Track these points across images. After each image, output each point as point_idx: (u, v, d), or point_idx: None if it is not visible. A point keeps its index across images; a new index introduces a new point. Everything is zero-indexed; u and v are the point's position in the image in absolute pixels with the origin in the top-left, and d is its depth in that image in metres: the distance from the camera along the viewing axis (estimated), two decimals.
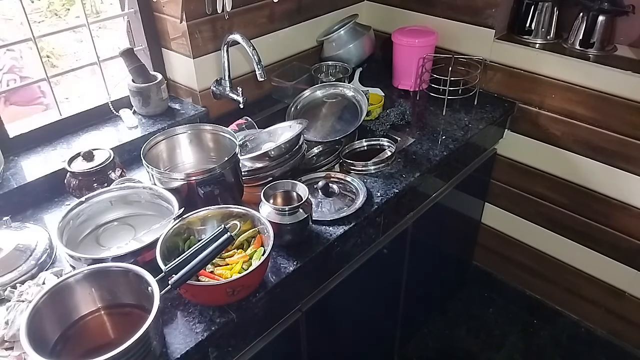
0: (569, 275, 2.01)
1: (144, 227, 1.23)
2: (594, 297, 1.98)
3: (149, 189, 1.26)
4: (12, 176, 1.37)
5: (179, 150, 1.41)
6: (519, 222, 2.08)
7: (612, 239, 1.83)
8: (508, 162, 1.99)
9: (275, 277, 1.14)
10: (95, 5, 3.16)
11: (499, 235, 2.18)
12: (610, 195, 1.77)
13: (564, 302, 2.11)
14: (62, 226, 1.15)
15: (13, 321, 0.98)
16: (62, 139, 1.53)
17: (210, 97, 1.69)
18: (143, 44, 1.64)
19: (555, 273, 2.06)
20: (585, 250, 1.92)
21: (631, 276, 1.83)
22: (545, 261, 2.07)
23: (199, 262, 0.98)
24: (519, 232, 2.11)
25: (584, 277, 1.97)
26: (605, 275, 1.91)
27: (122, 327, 1.01)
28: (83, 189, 1.30)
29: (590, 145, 1.73)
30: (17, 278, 1.11)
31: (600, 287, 1.94)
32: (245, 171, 1.36)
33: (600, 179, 1.77)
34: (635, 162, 1.66)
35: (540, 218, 2.00)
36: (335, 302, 1.44)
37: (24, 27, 1.39)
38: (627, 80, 1.56)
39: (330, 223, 1.29)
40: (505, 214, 2.11)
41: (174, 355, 0.98)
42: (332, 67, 1.94)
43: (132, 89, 1.58)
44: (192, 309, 1.07)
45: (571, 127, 1.75)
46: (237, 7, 1.61)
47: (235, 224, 1.08)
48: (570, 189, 1.84)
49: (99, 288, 1.01)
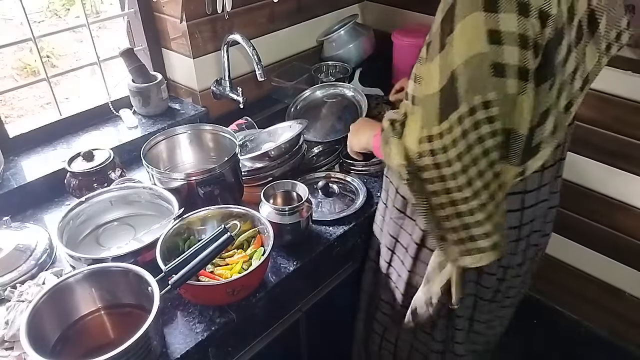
0: (569, 275, 2.01)
1: (144, 227, 1.23)
2: (594, 297, 1.98)
3: (149, 189, 1.26)
4: (12, 176, 1.37)
5: (179, 150, 1.41)
6: None
7: (612, 239, 1.82)
8: None
9: (275, 277, 1.14)
10: (95, 5, 3.17)
11: None
12: (610, 195, 1.77)
13: (564, 302, 2.10)
14: (62, 226, 1.15)
15: (13, 321, 0.98)
16: (62, 139, 1.53)
17: (210, 97, 1.69)
18: (143, 44, 1.64)
19: (555, 273, 2.05)
20: (585, 250, 1.92)
21: (631, 276, 1.83)
22: (546, 261, 2.06)
23: (199, 262, 0.98)
24: None
25: (584, 277, 1.97)
26: (605, 275, 1.91)
27: (122, 327, 1.01)
28: (83, 189, 1.30)
29: (590, 145, 1.73)
30: (17, 278, 1.11)
31: (600, 287, 1.94)
32: (245, 171, 1.36)
33: (600, 179, 1.76)
34: (635, 162, 1.65)
35: None
36: (336, 302, 1.44)
37: (24, 27, 1.39)
38: (627, 80, 1.56)
39: (330, 223, 1.29)
40: None
41: (174, 355, 0.98)
42: (332, 67, 1.94)
43: (132, 89, 1.58)
44: (192, 309, 1.07)
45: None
46: (237, 7, 1.61)
47: (235, 224, 1.08)
48: (570, 189, 1.84)
49: (99, 288, 1.01)
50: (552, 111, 0.87)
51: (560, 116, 0.90)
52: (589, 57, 0.92)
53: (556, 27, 0.79)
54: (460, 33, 0.80)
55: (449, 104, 0.82)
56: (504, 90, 0.80)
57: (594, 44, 0.92)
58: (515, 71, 0.79)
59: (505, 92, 0.80)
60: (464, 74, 0.80)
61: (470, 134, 0.83)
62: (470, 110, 0.81)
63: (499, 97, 0.80)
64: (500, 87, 0.80)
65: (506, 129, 0.84)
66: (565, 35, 0.82)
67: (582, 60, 0.90)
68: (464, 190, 0.86)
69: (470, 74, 0.80)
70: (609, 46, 0.96)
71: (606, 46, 0.95)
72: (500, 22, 0.77)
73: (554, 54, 0.82)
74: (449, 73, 0.81)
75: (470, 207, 0.88)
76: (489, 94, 0.80)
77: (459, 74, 0.81)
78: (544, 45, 0.80)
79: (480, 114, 0.82)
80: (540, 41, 0.79)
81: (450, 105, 0.82)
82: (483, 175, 0.86)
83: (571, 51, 0.86)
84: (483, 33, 0.78)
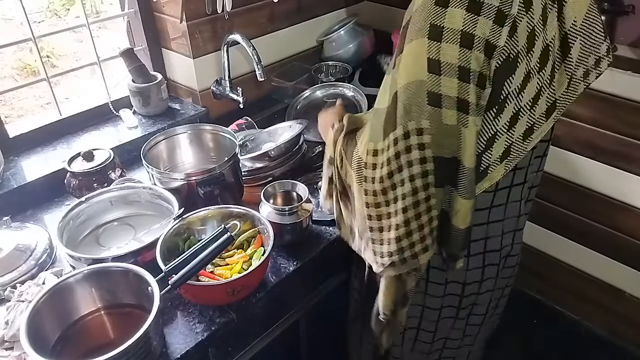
0: (569, 275, 2.01)
1: (144, 227, 1.23)
2: (594, 297, 1.98)
3: (149, 189, 1.26)
4: (12, 176, 1.37)
5: (179, 150, 1.41)
6: None
7: (612, 239, 1.82)
8: None
9: (275, 277, 1.14)
10: (95, 5, 3.17)
11: None
12: (610, 195, 1.77)
13: (564, 302, 2.10)
14: (62, 226, 1.15)
15: (13, 321, 0.98)
16: (62, 139, 1.53)
17: (210, 97, 1.69)
18: (143, 44, 1.64)
19: (555, 273, 2.05)
20: (585, 250, 1.92)
21: (631, 276, 1.83)
22: (545, 261, 2.07)
23: (199, 262, 0.98)
24: None
25: (584, 277, 1.97)
26: (605, 275, 1.91)
27: (122, 327, 1.01)
28: (83, 189, 1.30)
29: (590, 145, 1.73)
30: (17, 278, 1.11)
31: (600, 287, 1.94)
32: (245, 171, 1.36)
33: (600, 179, 1.76)
34: (635, 162, 1.66)
35: (540, 218, 2.00)
36: (336, 302, 1.44)
37: (24, 27, 1.39)
38: (627, 80, 1.56)
39: (330, 223, 1.29)
40: None
41: (174, 355, 0.98)
42: (332, 67, 1.94)
43: (132, 89, 1.58)
44: (192, 309, 1.07)
45: (571, 127, 1.74)
46: (237, 7, 1.61)
47: (235, 224, 1.08)
48: (570, 189, 1.84)
49: (99, 288, 1.01)
50: (501, 137, 0.86)
51: (516, 142, 0.88)
52: (558, 82, 0.90)
53: (507, 57, 0.78)
54: (405, 56, 0.81)
55: (390, 123, 0.84)
56: (439, 120, 0.80)
57: (564, 68, 0.90)
58: (453, 103, 0.79)
59: (440, 121, 0.80)
60: (402, 98, 0.81)
61: (402, 156, 0.84)
62: (404, 134, 0.83)
63: (432, 126, 0.81)
64: (435, 116, 0.80)
65: (441, 157, 0.83)
66: (521, 63, 0.81)
67: (547, 85, 0.88)
68: (390, 206, 0.89)
69: (407, 100, 0.81)
70: (587, 72, 0.93)
71: (584, 72, 0.93)
72: (442, 52, 0.76)
73: (501, 84, 0.80)
74: (394, 93, 0.83)
75: (389, 224, 0.91)
76: (423, 122, 0.81)
77: (398, 97, 0.82)
78: (492, 76, 0.79)
79: (412, 139, 0.82)
80: (485, 72, 0.78)
81: (390, 125, 0.84)
82: (405, 199, 0.87)
83: (531, 77, 0.84)
84: (424, 60, 0.78)
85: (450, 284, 1.09)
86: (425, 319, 1.15)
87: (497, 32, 0.76)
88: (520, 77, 0.82)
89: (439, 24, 0.76)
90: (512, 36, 0.77)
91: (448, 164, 0.84)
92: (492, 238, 1.05)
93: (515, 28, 0.77)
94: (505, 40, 0.77)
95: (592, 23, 0.89)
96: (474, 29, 0.75)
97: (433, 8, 0.77)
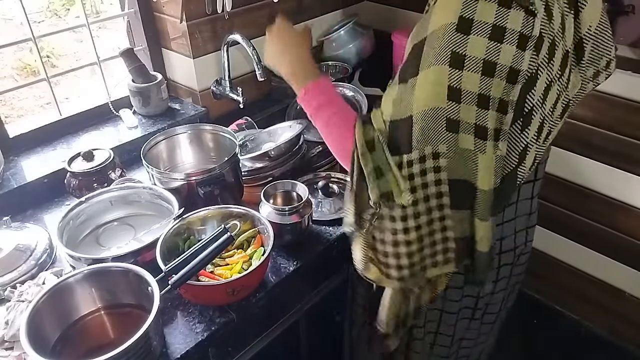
0: (569, 275, 2.01)
1: (144, 227, 1.23)
2: (594, 297, 1.98)
3: (149, 189, 1.26)
4: (12, 176, 1.37)
5: (179, 150, 1.41)
6: None
7: (612, 239, 1.82)
8: None
9: (275, 277, 1.14)
10: (95, 5, 3.17)
11: None
12: (610, 195, 1.77)
13: (564, 302, 2.10)
14: (62, 226, 1.15)
15: (13, 321, 0.98)
16: (62, 139, 1.53)
17: (210, 97, 1.69)
18: (143, 44, 1.64)
19: (555, 273, 2.05)
20: (585, 250, 1.92)
21: (631, 276, 1.83)
22: (545, 261, 2.06)
23: (199, 262, 0.98)
24: None
25: (584, 277, 1.97)
26: (605, 275, 1.91)
27: (122, 327, 1.01)
28: (83, 189, 1.30)
29: (590, 145, 1.73)
30: (17, 278, 1.11)
31: (600, 287, 1.94)
32: (245, 171, 1.36)
33: (600, 179, 1.76)
34: (635, 162, 1.65)
35: (540, 218, 2.00)
36: (336, 302, 1.44)
37: (24, 27, 1.39)
38: (627, 80, 1.56)
39: (330, 223, 1.29)
40: None
41: (174, 355, 0.98)
42: (332, 67, 1.94)
43: (132, 89, 1.58)
44: (192, 309, 1.07)
45: (571, 127, 1.74)
46: (237, 7, 1.61)
47: (235, 224, 1.08)
48: (570, 189, 1.84)
49: (99, 288, 1.01)
50: (532, 148, 0.87)
51: (540, 147, 0.89)
52: (572, 84, 0.91)
53: (530, 75, 0.78)
54: (423, 82, 0.79)
55: (404, 144, 0.83)
56: (455, 144, 0.80)
57: (579, 70, 0.91)
58: (470, 128, 0.79)
59: (457, 146, 0.80)
60: (419, 124, 0.80)
61: (415, 179, 0.83)
62: (420, 158, 0.82)
63: (449, 150, 0.81)
64: (451, 141, 0.80)
65: (457, 180, 0.83)
66: (542, 74, 0.81)
67: (564, 88, 0.89)
68: (401, 222, 0.87)
69: (424, 125, 0.80)
70: (597, 73, 0.94)
71: (594, 73, 0.94)
72: (463, 80, 0.76)
73: (523, 99, 0.80)
74: (408, 116, 0.81)
75: (400, 240, 0.88)
76: (440, 146, 0.81)
77: (414, 122, 0.81)
78: (515, 101, 0.78)
79: (428, 163, 0.82)
80: (506, 98, 0.77)
81: (405, 147, 0.83)
82: (419, 217, 0.85)
83: (552, 85, 0.84)
84: (444, 89, 0.77)
85: (466, 286, 1.10)
86: (444, 323, 1.15)
87: (520, 57, 0.76)
88: (542, 88, 0.82)
89: (460, 52, 0.75)
90: (537, 55, 0.78)
91: (463, 186, 0.84)
92: (507, 238, 1.06)
93: (539, 46, 0.77)
94: (527, 64, 0.77)
95: (605, 27, 0.91)
96: (497, 57, 0.75)
97: (454, 35, 0.76)
